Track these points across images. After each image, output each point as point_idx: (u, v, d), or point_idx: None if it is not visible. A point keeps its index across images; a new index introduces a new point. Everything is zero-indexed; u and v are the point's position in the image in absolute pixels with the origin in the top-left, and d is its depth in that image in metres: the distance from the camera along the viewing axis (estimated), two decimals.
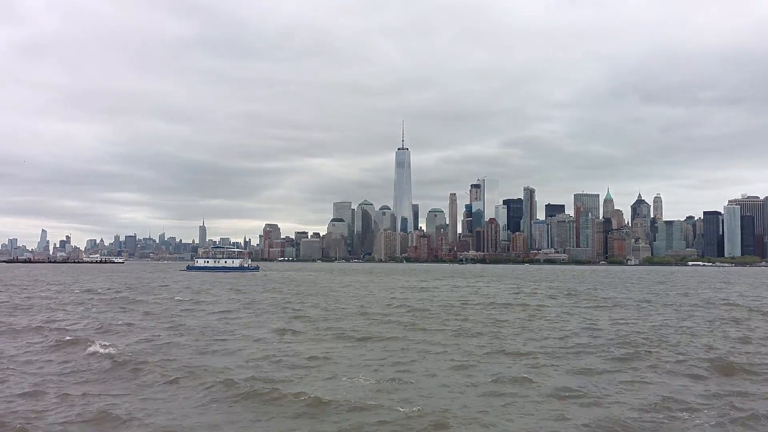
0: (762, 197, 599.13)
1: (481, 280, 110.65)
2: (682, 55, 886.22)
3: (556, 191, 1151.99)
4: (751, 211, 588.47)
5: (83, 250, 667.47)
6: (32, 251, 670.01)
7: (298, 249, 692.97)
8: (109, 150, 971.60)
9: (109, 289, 69.26)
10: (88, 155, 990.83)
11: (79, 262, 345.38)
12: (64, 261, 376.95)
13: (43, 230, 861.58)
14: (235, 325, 32.57)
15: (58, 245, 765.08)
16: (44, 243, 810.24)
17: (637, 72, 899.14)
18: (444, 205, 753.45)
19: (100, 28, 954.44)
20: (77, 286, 75.02)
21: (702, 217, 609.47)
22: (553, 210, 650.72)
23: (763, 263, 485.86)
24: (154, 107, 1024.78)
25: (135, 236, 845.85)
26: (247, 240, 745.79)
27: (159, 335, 28.26)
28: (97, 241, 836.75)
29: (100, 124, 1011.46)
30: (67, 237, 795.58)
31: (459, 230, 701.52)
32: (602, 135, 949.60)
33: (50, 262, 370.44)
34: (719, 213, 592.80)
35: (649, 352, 24.04)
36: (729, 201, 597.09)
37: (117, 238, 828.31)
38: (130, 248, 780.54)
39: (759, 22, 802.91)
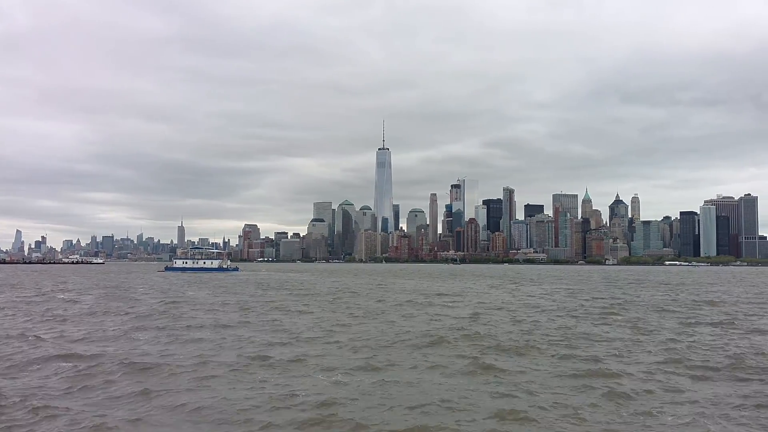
0: (737, 198, 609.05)
1: (531, 284, 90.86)
2: (662, 56, 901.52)
3: (535, 191, 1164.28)
4: (726, 211, 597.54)
5: (59, 250, 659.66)
6: (6, 252, 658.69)
7: (277, 249, 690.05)
8: (87, 149, 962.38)
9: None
10: (65, 154, 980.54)
11: (56, 263, 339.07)
12: (40, 262, 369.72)
13: (17, 230, 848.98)
14: None
15: (33, 246, 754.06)
16: (19, 243, 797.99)
17: (617, 73, 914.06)
18: (424, 205, 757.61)
19: (76, 24, 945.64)
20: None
21: (678, 218, 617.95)
22: (532, 210, 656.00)
23: (738, 263, 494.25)
24: (133, 106, 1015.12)
25: (112, 237, 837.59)
26: (226, 240, 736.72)
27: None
28: (74, 242, 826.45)
29: (77, 123, 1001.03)
30: (43, 237, 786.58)
31: (439, 230, 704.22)
32: (582, 135, 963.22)
33: (25, 263, 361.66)
34: (695, 213, 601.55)
35: None
36: (705, 201, 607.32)
37: (94, 238, 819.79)
38: (108, 249, 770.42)
39: (737, 25, 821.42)
